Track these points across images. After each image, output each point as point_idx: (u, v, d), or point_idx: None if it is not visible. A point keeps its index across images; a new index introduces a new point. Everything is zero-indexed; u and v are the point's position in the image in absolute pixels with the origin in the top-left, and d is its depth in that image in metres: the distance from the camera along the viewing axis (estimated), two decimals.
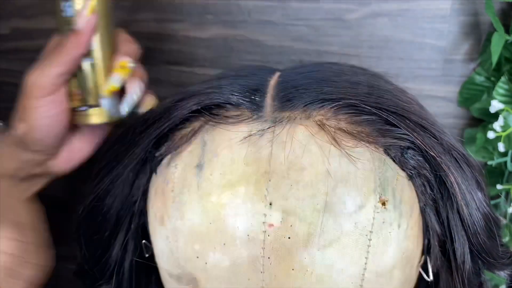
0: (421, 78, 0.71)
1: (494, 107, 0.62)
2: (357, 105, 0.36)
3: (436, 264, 0.39)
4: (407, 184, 0.37)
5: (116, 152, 0.43)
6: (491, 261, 0.39)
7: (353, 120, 0.36)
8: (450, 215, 0.38)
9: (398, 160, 0.36)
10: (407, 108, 0.37)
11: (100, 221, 0.44)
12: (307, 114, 0.37)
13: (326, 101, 0.37)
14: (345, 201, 0.34)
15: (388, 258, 0.35)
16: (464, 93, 0.70)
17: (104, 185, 0.43)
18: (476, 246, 0.38)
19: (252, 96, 0.39)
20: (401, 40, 0.69)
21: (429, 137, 0.36)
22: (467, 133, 0.70)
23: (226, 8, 0.69)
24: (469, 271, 0.38)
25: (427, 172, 0.37)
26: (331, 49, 0.71)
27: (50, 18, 0.75)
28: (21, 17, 0.76)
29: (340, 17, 0.69)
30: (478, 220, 0.37)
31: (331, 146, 0.35)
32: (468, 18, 0.67)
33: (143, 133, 0.41)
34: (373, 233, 0.34)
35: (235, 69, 0.45)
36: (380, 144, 0.36)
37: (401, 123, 0.36)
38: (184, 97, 0.40)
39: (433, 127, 0.37)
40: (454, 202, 0.37)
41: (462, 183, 0.36)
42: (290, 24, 0.71)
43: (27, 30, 0.77)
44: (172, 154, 0.40)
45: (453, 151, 0.36)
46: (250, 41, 0.72)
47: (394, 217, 0.35)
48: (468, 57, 0.69)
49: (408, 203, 0.36)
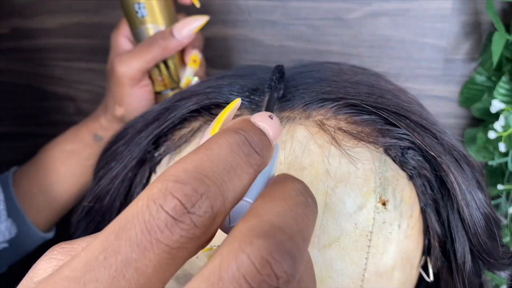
0: (421, 78, 0.71)
1: (495, 107, 0.62)
2: (357, 105, 0.36)
3: (436, 264, 0.39)
4: (407, 184, 0.36)
5: (115, 152, 0.43)
6: (491, 261, 0.38)
7: (353, 120, 0.36)
8: (451, 215, 0.37)
9: (398, 160, 0.36)
10: (407, 108, 0.37)
11: (99, 221, 0.44)
12: (307, 114, 0.36)
13: (326, 101, 0.37)
14: (345, 201, 0.34)
15: (388, 258, 0.35)
16: (465, 93, 0.69)
17: (103, 185, 0.43)
18: (476, 246, 0.38)
19: (251, 96, 0.38)
20: (401, 39, 0.69)
21: (429, 137, 0.36)
22: (467, 133, 0.70)
23: (226, 8, 0.69)
24: (469, 271, 0.38)
25: (427, 172, 0.37)
26: (331, 48, 0.71)
27: (50, 17, 0.75)
28: (20, 16, 0.76)
29: (340, 17, 0.69)
30: (479, 220, 0.37)
31: (331, 146, 0.35)
32: (469, 18, 0.67)
33: (142, 132, 0.41)
34: (373, 234, 0.34)
35: (235, 69, 0.45)
36: (380, 144, 0.36)
37: (401, 123, 0.36)
38: (184, 97, 0.40)
39: (434, 127, 0.37)
40: (454, 202, 0.37)
41: (463, 183, 0.36)
42: (290, 24, 0.71)
43: (27, 30, 0.77)
44: (171, 154, 0.40)
45: (453, 151, 0.36)
46: (250, 41, 0.72)
47: (394, 217, 0.35)
48: (469, 56, 0.69)
49: (408, 203, 0.36)
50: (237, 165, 0.19)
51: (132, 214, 0.18)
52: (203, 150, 0.19)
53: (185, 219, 0.17)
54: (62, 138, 0.64)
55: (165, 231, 0.17)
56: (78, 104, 0.82)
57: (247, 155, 0.20)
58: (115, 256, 0.17)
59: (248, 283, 0.16)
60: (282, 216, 0.18)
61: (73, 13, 0.75)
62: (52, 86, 0.81)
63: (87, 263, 0.17)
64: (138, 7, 0.55)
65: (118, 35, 0.61)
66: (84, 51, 0.78)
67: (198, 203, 0.18)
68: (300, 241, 0.18)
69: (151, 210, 0.17)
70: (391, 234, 0.35)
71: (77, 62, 0.78)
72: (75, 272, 0.17)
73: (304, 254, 0.18)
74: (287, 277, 0.17)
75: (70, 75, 0.80)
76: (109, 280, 0.17)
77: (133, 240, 0.17)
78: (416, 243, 0.37)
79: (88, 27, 0.76)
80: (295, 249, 0.17)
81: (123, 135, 0.43)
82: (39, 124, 0.83)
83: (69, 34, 0.77)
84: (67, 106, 0.82)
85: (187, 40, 0.55)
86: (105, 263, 0.17)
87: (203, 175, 0.18)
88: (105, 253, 0.17)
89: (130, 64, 0.55)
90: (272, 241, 0.17)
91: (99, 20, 0.75)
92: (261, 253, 0.16)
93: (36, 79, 0.80)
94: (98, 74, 0.79)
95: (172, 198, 0.17)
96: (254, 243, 0.17)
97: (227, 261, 0.17)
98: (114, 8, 0.73)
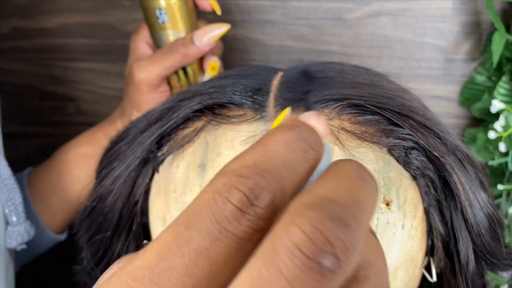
0: (421, 77, 0.71)
1: (495, 107, 0.62)
2: (361, 105, 0.36)
3: (439, 265, 0.39)
4: (411, 185, 0.36)
5: (118, 152, 0.43)
6: (494, 261, 0.39)
7: (357, 120, 0.36)
8: (454, 215, 0.37)
9: (402, 161, 0.36)
10: (411, 108, 0.37)
11: (101, 221, 0.44)
12: None
13: (329, 101, 0.37)
14: None
15: (392, 258, 0.35)
16: (465, 92, 0.70)
17: (106, 185, 0.43)
18: (480, 246, 0.38)
19: (255, 96, 0.38)
20: (401, 39, 0.69)
21: (433, 138, 0.36)
22: (468, 133, 0.70)
23: (226, 7, 0.69)
24: (472, 272, 0.38)
25: (431, 173, 0.37)
26: (331, 48, 0.71)
27: (50, 17, 0.75)
28: (20, 16, 0.76)
29: (340, 17, 0.69)
30: (482, 221, 0.37)
31: (335, 146, 0.35)
32: (469, 18, 0.67)
33: (145, 132, 0.41)
34: (377, 234, 0.34)
35: (237, 69, 0.45)
36: (383, 144, 0.36)
37: (405, 123, 0.36)
38: (186, 97, 0.40)
39: (437, 127, 0.37)
40: (457, 202, 0.37)
41: (466, 183, 0.36)
42: (290, 24, 0.71)
43: (27, 30, 0.77)
44: (174, 154, 0.40)
45: (457, 152, 0.36)
46: (250, 41, 0.72)
47: (398, 218, 0.35)
48: (469, 56, 0.69)
49: (412, 203, 0.36)
50: (295, 161, 0.20)
51: (199, 206, 0.18)
52: (260, 147, 0.20)
53: (250, 211, 0.18)
54: (77, 141, 0.64)
55: (232, 222, 0.18)
56: (78, 104, 0.82)
57: (303, 150, 0.20)
58: (188, 246, 0.18)
59: (303, 253, 0.16)
60: (334, 189, 0.18)
61: (73, 13, 0.75)
62: (51, 86, 0.80)
63: (160, 253, 0.18)
64: (159, 13, 0.54)
65: (137, 39, 0.60)
66: (84, 51, 0.77)
67: (261, 196, 0.18)
68: (356, 212, 0.18)
69: (218, 203, 0.18)
70: (395, 234, 0.35)
71: (77, 62, 0.78)
72: (149, 262, 0.18)
73: (363, 225, 0.18)
74: (343, 244, 0.16)
75: (69, 75, 0.79)
76: (184, 269, 0.17)
77: (204, 229, 0.18)
78: (419, 243, 0.37)
79: (88, 27, 0.75)
80: (349, 217, 0.17)
81: (126, 135, 0.43)
82: (39, 124, 0.83)
83: (69, 34, 0.76)
84: (67, 106, 0.82)
85: (207, 48, 0.54)
86: (178, 252, 0.18)
87: (263, 169, 0.19)
88: (177, 243, 0.18)
89: (149, 70, 0.54)
90: (322, 210, 0.17)
91: (99, 20, 0.75)
92: (311, 222, 0.16)
93: (36, 79, 0.80)
94: (98, 74, 0.79)
95: (237, 191, 0.18)
96: (304, 214, 0.17)
97: (280, 235, 0.17)
98: (114, 8, 0.73)
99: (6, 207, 0.51)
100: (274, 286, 0.16)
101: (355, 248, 0.17)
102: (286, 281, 0.16)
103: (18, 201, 0.52)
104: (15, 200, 0.51)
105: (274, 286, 0.16)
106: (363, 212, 0.18)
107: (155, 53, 0.56)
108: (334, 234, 0.16)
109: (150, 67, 0.54)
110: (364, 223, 0.18)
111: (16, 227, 0.51)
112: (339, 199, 0.18)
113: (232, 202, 0.18)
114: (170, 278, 0.17)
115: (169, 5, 0.54)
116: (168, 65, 0.54)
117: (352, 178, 0.19)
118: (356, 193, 0.18)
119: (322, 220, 0.16)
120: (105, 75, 0.78)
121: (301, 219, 0.17)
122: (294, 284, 0.16)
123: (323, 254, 0.16)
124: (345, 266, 0.16)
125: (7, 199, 0.50)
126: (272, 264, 0.16)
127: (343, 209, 0.17)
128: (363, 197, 0.19)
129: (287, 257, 0.16)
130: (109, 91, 0.80)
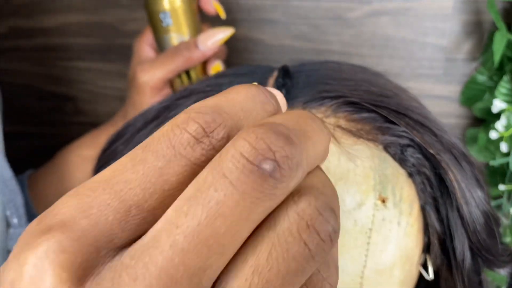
0: (422, 77, 0.70)
1: (497, 106, 0.62)
2: (357, 103, 0.36)
3: (436, 262, 0.39)
4: (406, 182, 0.36)
5: (115, 151, 0.43)
6: (490, 258, 0.38)
7: (353, 117, 0.36)
8: (450, 213, 0.37)
9: (397, 158, 0.36)
10: (407, 106, 0.37)
11: None
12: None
13: (325, 99, 0.36)
14: (345, 198, 0.33)
15: (388, 256, 0.35)
16: (466, 92, 0.69)
17: None
18: (476, 243, 0.38)
19: None
20: (402, 39, 0.69)
21: (429, 135, 0.36)
22: (469, 133, 0.70)
23: (226, 7, 0.69)
24: (469, 269, 0.38)
25: (426, 170, 0.37)
26: (332, 48, 0.71)
27: (49, 17, 0.75)
28: (19, 16, 0.76)
29: (341, 16, 0.69)
30: (478, 218, 0.37)
31: (331, 143, 0.35)
32: (470, 17, 0.66)
33: (142, 131, 0.41)
34: (373, 231, 0.34)
35: (234, 68, 0.45)
36: (379, 141, 0.36)
37: (401, 121, 0.36)
38: (183, 95, 0.40)
39: (433, 125, 0.37)
40: (453, 200, 0.37)
41: (462, 181, 0.36)
42: (290, 23, 0.71)
43: (26, 29, 0.77)
44: None
45: (452, 149, 0.36)
46: (250, 40, 0.72)
47: (394, 215, 0.35)
48: (470, 56, 0.68)
49: (408, 201, 0.36)
50: (253, 109, 0.21)
51: (157, 135, 0.20)
52: (222, 94, 0.21)
53: (205, 140, 0.19)
54: (79, 143, 0.64)
55: (187, 148, 0.19)
56: (77, 104, 0.82)
57: (263, 102, 0.21)
58: (142, 164, 0.19)
59: (245, 158, 0.17)
60: (283, 118, 0.20)
61: (73, 12, 0.75)
62: (51, 86, 0.80)
63: (116, 169, 0.19)
64: (163, 16, 0.54)
65: (141, 42, 0.60)
66: (83, 51, 0.77)
67: (217, 130, 0.19)
68: (301, 135, 0.19)
69: (175, 132, 0.19)
70: (391, 231, 0.35)
71: (76, 62, 0.78)
72: (105, 177, 0.19)
73: (307, 148, 0.19)
74: (285, 153, 0.18)
75: (69, 74, 0.79)
76: (136, 182, 0.19)
77: (159, 152, 0.19)
78: (415, 240, 0.37)
79: (87, 26, 0.75)
80: (294, 136, 0.18)
81: (123, 134, 0.43)
82: (38, 124, 0.83)
83: (68, 34, 0.76)
84: (66, 106, 0.82)
85: (211, 51, 0.55)
86: (132, 169, 0.19)
87: (222, 110, 0.20)
88: (132, 162, 0.19)
89: (152, 73, 0.54)
90: (269, 126, 0.18)
91: (98, 20, 0.75)
92: (256, 134, 0.18)
93: (35, 79, 0.80)
94: (97, 73, 0.79)
95: (194, 122, 0.19)
96: (251, 130, 0.18)
97: (227, 147, 0.18)
98: (114, 7, 0.73)
99: (8, 209, 0.51)
100: (218, 188, 0.17)
101: (296, 161, 0.18)
102: (229, 183, 0.17)
103: (19, 203, 0.52)
104: (17, 202, 0.51)
105: (218, 188, 0.17)
106: (310, 139, 0.19)
107: (158, 56, 0.56)
108: (276, 143, 0.18)
109: (153, 70, 0.55)
110: (310, 148, 0.19)
111: (17, 229, 0.51)
112: (286, 123, 0.19)
113: (188, 131, 0.19)
114: (123, 189, 0.19)
115: (173, 8, 0.54)
116: (172, 69, 0.54)
117: (301, 115, 0.21)
118: (304, 124, 0.20)
119: (268, 133, 0.18)
120: (105, 74, 0.78)
121: (248, 133, 0.18)
122: (237, 187, 0.17)
123: (264, 159, 0.17)
124: (287, 175, 0.18)
125: (8, 201, 0.50)
126: (217, 169, 0.18)
127: (289, 129, 0.19)
128: (311, 129, 0.20)
129: (231, 162, 0.18)
130: (108, 90, 0.80)
